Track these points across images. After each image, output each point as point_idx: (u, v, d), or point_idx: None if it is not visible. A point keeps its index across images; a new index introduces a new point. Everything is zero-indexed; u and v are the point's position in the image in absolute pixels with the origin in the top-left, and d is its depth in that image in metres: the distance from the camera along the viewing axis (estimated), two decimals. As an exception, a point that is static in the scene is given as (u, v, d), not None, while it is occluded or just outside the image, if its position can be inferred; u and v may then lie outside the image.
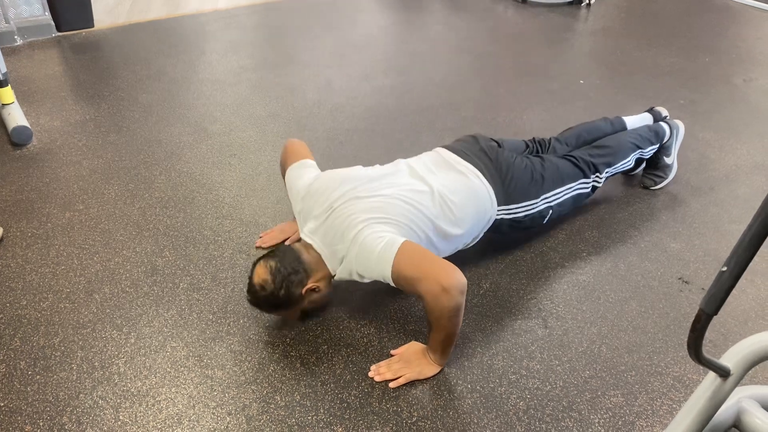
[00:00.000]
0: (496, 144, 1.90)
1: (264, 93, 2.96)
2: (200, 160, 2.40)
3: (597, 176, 1.99)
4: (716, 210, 2.19)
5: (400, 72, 3.26)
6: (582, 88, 3.14)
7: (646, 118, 2.33)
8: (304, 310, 1.64)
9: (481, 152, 1.83)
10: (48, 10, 3.47)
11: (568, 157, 1.95)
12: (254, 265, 1.54)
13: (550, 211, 1.88)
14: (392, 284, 1.46)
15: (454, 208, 1.65)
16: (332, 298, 1.73)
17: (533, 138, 2.07)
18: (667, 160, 2.27)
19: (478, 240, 1.80)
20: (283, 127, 2.66)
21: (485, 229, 1.78)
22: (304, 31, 3.79)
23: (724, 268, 0.78)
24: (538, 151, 2.02)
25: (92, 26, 3.64)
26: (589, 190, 1.98)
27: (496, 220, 1.77)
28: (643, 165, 2.33)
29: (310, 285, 1.54)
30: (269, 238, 1.95)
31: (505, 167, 1.80)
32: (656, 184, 2.29)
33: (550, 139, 2.08)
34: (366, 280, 1.54)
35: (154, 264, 1.86)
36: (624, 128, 2.24)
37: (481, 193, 1.73)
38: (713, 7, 4.50)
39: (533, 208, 1.83)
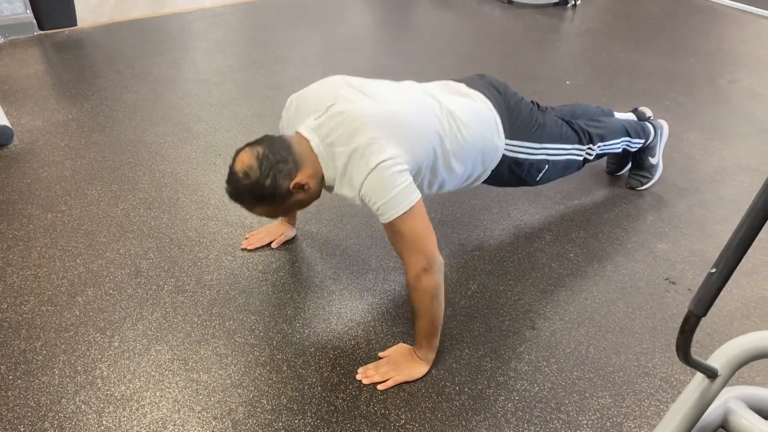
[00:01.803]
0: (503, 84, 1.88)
1: (250, 93, 2.94)
2: (185, 160, 2.38)
3: (590, 147, 1.98)
4: (702, 211, 2.20)
5: (388, 72, 3.25)
6: (568, 89, 3.15)
7: (630, 118, 2.34)
8: (286, 209, 1.53)
9: (489, 85, 1.80)
10: (29, 8, 3.41)
11: (566, 121, 1.96)
12: (238, 151, 1.42)
13: (546, 167, 1.86)
14: (380, 220, 1.41)
15: (463, 127, 1.59)
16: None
17: (531, 101, 2.06)
18: (652, 161, 2.28)
19: (483, 178, 1.77)
20: (269, 127, 2.64)
21: (493, 163, 1.73)
22: (290, 31, 3.77)
23: (713, 270, 0.78)
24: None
25: (75, 25, 3.59)
26: (581, 159, 1.98)
27: (502, 154, 1.74)
28: (629, 166, 2.35)
29: (299, 179, 1.41)
30: (255, 240, 1.93)
31: (513, 102, 1.79)
32: (642, 184, 2.30)
33: (547, 107, 2.07)
34: (356, 203, 1.43)
35: (138, 266, 1.84)
36: (612, 116, 2.26)
37: (488, 119, 1.69)
38: (697, 9, 4.54)
39: (533, 155, 1.82)
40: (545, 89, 3.11)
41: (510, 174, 1.82)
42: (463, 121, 1.60)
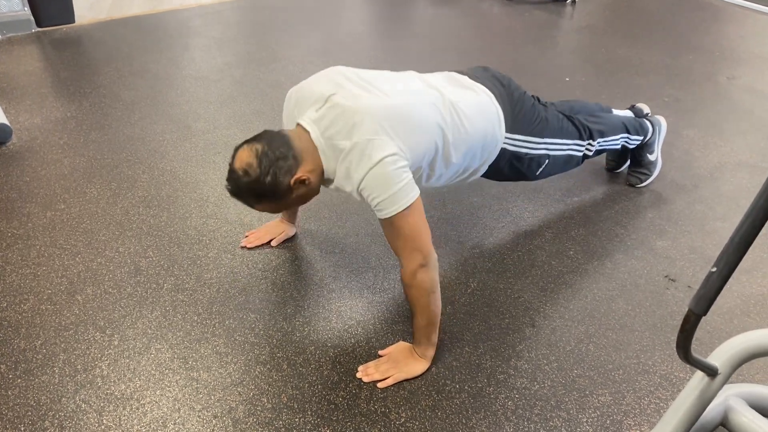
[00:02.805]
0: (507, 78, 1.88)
1: (248, 90, 2.93)
2: (184, 158, 2.37)
3: (590, 143, 1.98)
4: (701, 208, 2.20)
5: (386, 69, 3.24)
6: (567, 85, 3.15)
7: (628, 115, 2.34)
8: (287, 205, 1.51)
9: (493, 78, 1.79)
10: (27, 5, 3.40)
11: (567, 116, 1.95)
12: (236, 149, 1.39)
13: (546, 161, 1.86)
14: (378, 216, 1.39)
15: (465, 120, 1.58)
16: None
17: (533, 95, 2.05)
18: (651, 157, 2.28)
19: (481, 172, 1.75)
20: (268, 125, 2.63)
21: (492, 157, 1.73)
22: (288, 28, 3.76)
23: (714, 269, 0.78)
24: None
25: (73, 21, 3.58)
26: (580, 155, 1.98)
27: (502, 148, 1.73)
28: (628, 163, 2.34)
29: (299, 175, 1.38)
30: (255, 238, 1.93)
31: (516, 96, 1.78)
32: (641, 181, 2.30)
33: (547, 102, 2.07)
34: (354, 196, 1.42)
35: (137, 264, 1.84)
36: (611, 112, 2.26)
37: (490, 112, 1.68)
38: (697, 5, 4.53)
39: (534, 149, 1.81)
40: (544, 86, 3.11)
41: (510, 168, 1.81)
42: (466, 113, 1.58)
